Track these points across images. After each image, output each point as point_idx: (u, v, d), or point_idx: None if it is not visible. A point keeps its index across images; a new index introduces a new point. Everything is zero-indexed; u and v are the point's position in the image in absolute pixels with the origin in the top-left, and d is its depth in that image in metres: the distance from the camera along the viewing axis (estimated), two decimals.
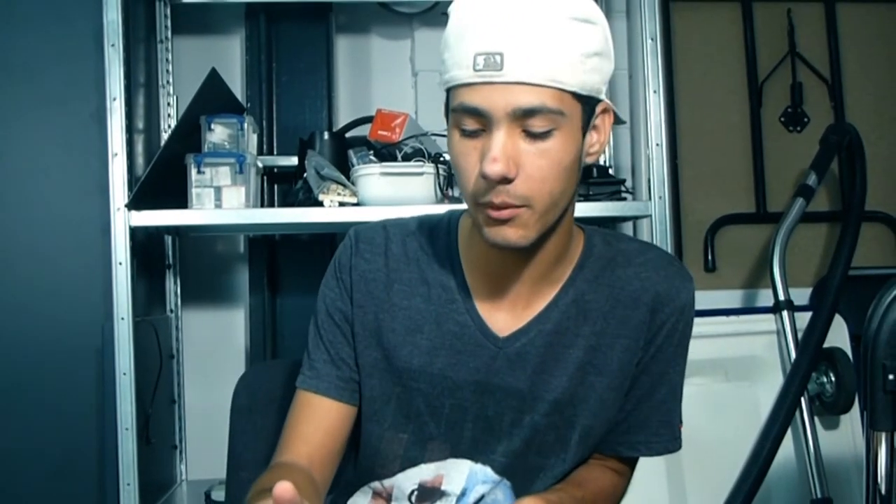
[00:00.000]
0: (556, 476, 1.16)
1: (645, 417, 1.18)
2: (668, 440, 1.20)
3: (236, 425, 1.39)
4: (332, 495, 1.22)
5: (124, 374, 1.96)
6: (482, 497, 1.14)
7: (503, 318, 1.13)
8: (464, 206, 1.12)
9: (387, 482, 1.16)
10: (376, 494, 1.17)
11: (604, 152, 2.59)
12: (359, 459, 1.18)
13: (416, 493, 1.14)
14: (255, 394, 1.39)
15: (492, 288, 1.13)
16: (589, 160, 1.06)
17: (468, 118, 0.99)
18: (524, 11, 0.96)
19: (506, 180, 0.98)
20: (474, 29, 0.97)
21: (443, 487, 1.14)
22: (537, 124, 0.97)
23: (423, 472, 1.14)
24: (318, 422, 1.14)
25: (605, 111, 1.06)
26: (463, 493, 1.14)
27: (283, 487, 0.76)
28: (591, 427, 1.15)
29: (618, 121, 1.13)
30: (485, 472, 1.14)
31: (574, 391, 1.13)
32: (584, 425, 1.14)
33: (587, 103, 1.02)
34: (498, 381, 1.12)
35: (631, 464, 1.25)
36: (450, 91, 1.02)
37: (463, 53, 0.98)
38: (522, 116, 0.96)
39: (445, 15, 1.05)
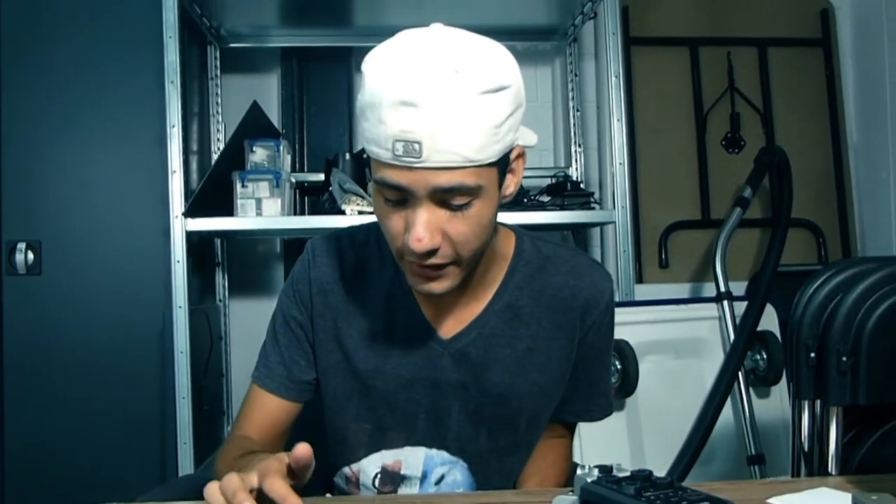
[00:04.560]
0: (508, 454, 1.10)
1: (586, 393, 1.14)
2: (604, 407, 1.16)
3: None
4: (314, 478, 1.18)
5: (181, 352, 1.96)
6: (442, 477, 1.08)
7: (446, 321, 1.04)
8: None
9: (354, 467, 1.09)
10: (348, 480, 1.11)
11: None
12: (330, 447, 1.11)
13: (378, 476, 1.08)
14: None
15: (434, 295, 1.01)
16: (505, 200, 0.94)
17: (390, 191, 0.87)
18: (436, 93, 0.81)
19: (431, 252, 0.88)
20: (390, 110, 0.83)
21: (402, 472, 1.07)
22: (457, 200, 0.86)
23: (384, 458, 1.08)
24: (267, 415, 1.07)
25: (519, 155, 0.94)
26: (424, 476, 1.07)
27: (304, 447, 0.75)
28: (537, 414, 1.09)
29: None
30: (441, 455, 1.07)
31: (517, 386, 1.05)
32: (531, 412, 1.08)
33: (502, 161, 0.89)
34: (445, 378, 1.04)
35: (574, 427, 1.21)
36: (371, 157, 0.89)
37: (381, 135, 0.84)
38: (443, 193, 0.85)
39: None
